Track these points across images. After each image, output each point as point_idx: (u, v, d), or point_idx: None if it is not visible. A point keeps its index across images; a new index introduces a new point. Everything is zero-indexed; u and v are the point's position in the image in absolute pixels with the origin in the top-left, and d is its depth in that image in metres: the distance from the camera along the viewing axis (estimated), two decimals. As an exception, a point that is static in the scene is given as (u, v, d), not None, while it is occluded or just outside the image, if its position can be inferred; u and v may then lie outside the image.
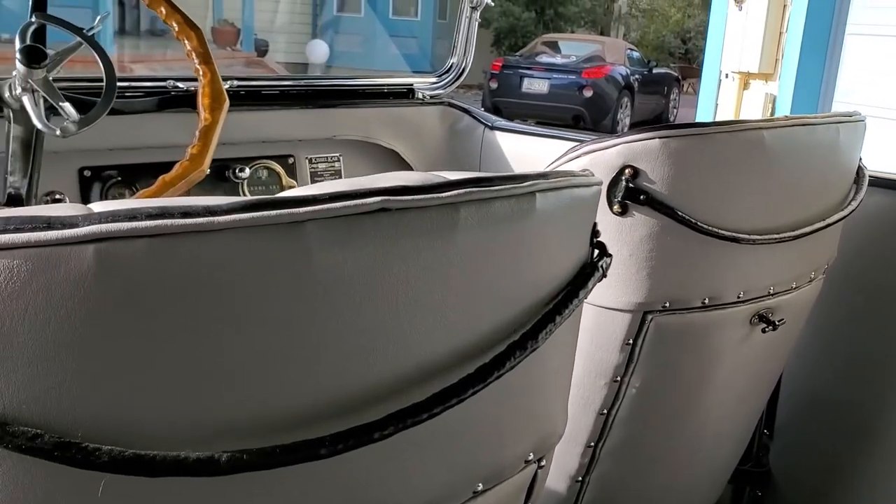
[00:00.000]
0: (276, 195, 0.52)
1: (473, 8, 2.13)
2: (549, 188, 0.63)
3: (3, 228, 0.46)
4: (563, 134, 2.01)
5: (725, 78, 6.74)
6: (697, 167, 1.08)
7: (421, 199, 0.55)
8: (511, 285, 0.63)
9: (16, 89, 1.22)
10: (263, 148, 1.93)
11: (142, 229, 0.47)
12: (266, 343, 0.52)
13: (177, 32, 1.38)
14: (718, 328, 1.19)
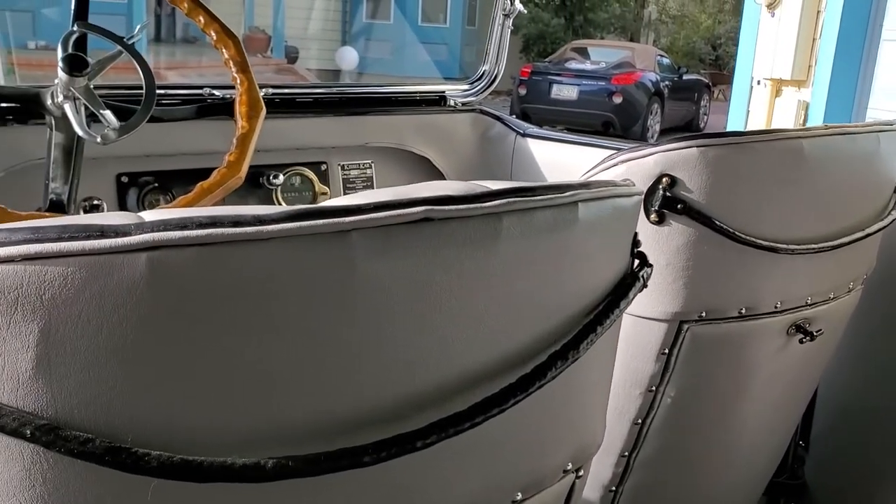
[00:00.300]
0: (321, 204, 0.52)
1: (506, 15, 2.13)
2: (591, 198, 0.63)
3: (57, 237, 0.46)
4: (596, 141, 2.00)
5: (757, 85, 6.68)
6: (735, 176, 1.07)
7: (464, 209, 0.55)
8: (552, 295, 0.63)
9: (58, 97, 1.24)
10: (297, 155, 1.95)
11: (193, 238, 0.47)
12: (311, 351, 0.52)
13: (215, 41, 1.40)
14: (755, 338, 1.18)
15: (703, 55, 21.37)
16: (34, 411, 0.47)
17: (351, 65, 11.42)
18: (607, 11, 19.13)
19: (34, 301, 0.46)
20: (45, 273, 0.46)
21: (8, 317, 0.46)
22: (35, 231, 0.47)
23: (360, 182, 2.07)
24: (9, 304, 0.46)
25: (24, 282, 0.46)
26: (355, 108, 2.02)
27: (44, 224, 0.47)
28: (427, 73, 12.72)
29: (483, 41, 2.22)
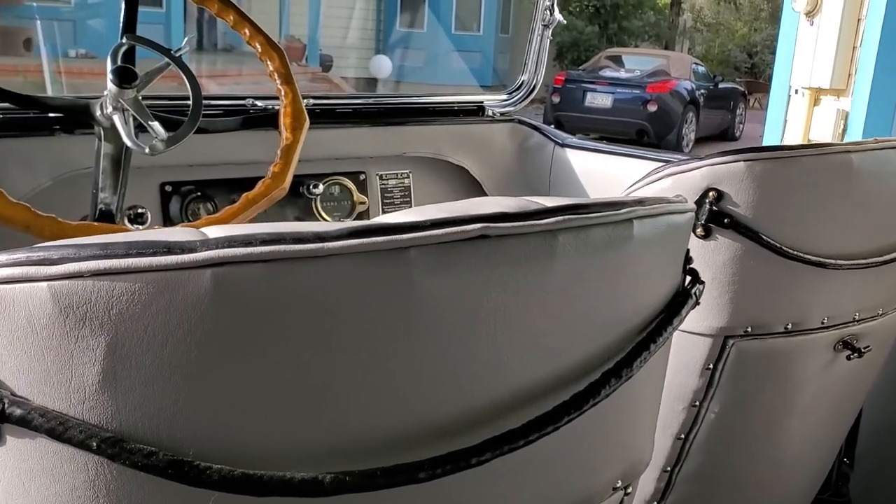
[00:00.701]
0: (379, 220, 0.53)
1: (545, 25, 2.13)
2: (646, 215, 0.63)
3: (125, 253, 0.47)
4: (636, 152, 1.99)
5: (795, 94, 6.60)
6: (783, 190, 1.06)
7: (520, 227, 0.55)
8: (606, 312, 0.63)
9: (107, 108, 1.26)
10: (336, 165, 1.97)
11: (257, 255, 0.48)
12: (369, 367, 0.53)
13: (260, 53, 1.41)
14: (801, 354, 1.17)
15: (739, 63, 21.19)
16: (99, 424, 0.48)
17: (385, 73, 11.49)
18: (641, 19, 19.04)
19: (102, 316, 0.47)
20: (114, 288, 0.47)
21: (76, 331, 0.47)
22: (103, 247, 0.48)
23: (398, 192, 2.08)
24: (77, 319, 0.47)
25: (92, 297, 0.47)
26: (394, 119, 2.03)
27: (111, 240, 0.48)
28: (460, 81, 12.76)
29: (516, 49, 2.23)
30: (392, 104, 2.07)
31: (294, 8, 11.64)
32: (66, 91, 7.47)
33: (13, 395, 0.49)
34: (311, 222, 0.55)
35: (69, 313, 0.47)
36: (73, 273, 0.47)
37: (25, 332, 0.48)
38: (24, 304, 0.47)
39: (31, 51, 8.61)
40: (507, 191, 2.17)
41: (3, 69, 7.88)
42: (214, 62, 9.46)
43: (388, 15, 13.97)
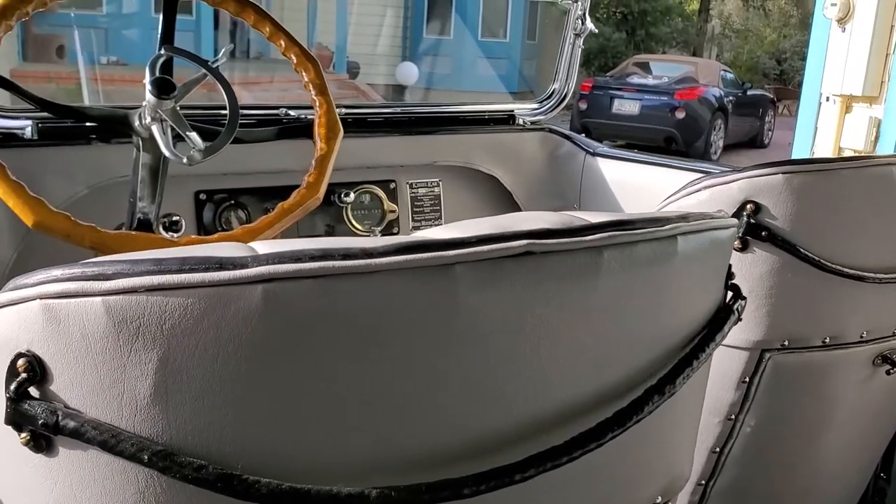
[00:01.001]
0: (425, 236, 0.53)
1: (577, 35, 2.13)
2: (690, 231, 0.63)
3: (178, 268, 0.48)
4: (668, 161, 1.98)
5: (826, 101, 6.53)
6: (822, 203, 1.05)
7: (565, 243, 0.55)
8: (649, 329, 0.63)
9: (145, 119, 1.28)
10: (367, 173, 1.98)
11: (306, 271, 0.49)
12: (414, 382, 0.53)
13: (295, 65, 1.43)
14: (839, 368, 1.15)
15: (768, 70, 21.00)
16: (150, 437, 0.49)
17: (411, 80, 11.53)
18: (669, 26, 18.94)
19: (155, 331, 0.48)
20: (167, 304, 0.47)
21: (129, 345, 0.48)
22: (157, 262, 0.48)
23: (428, 200, 2.09)
24: (131, 334, 0.48)
25: (145, 312, 0.48)
26: (424, 127, 2.04)
27: (165, 255, 0.49)
28: (487, 88, 12.78)
29: (543, 55, 2.23)
30: (423, 113, 2.08)
31: (322, 16, 11.72)
32: (101, 98, 7.57)
33: (66, 407, 0.50)
34: (357, 237, 0.55)
35: (123, 328, 0.48)
36: (127, 288, 0.48)
37: (80, 346, 0.49)
38: (78, 318, 0.48)
39: (64, 58, 8.76)
40: (537, 200, 2.17)
41: (36, 76, 8.02)
42: (245, 70, 9.54)
43: (414, 22, 14.02)
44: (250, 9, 1.41)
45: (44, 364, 0.50)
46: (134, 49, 9.67)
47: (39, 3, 1.27)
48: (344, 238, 0.54)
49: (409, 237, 0.53)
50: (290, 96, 8.85)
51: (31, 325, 0.50)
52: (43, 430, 0.50)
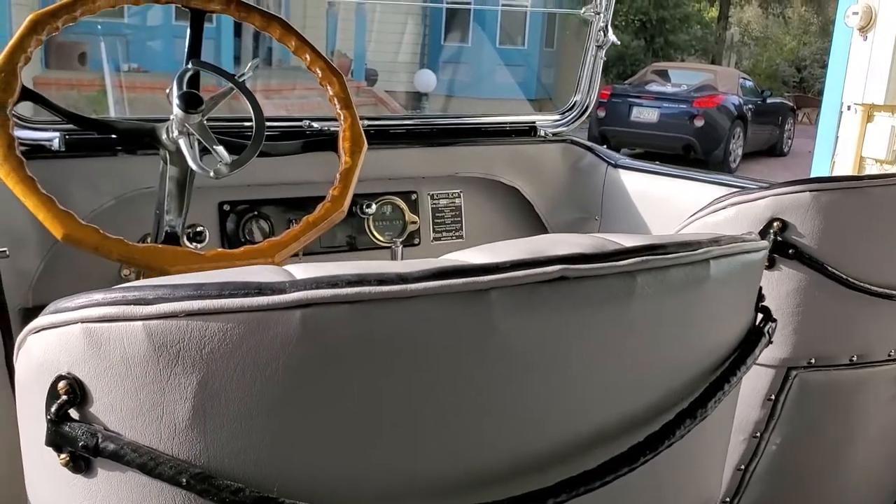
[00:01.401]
0: (460, 262, 0.53)
1: (599, 47, 2.13)
2: (722, 254, 0.63)
3: (218, 293, 0.49)
4: (690, 174, 1.97)
5: (847, 110, 6.49)
6: (850, 221, 1.04)
7: (599, 268, 0.55)
8: (680, 352, 0.63)
9: (172, 132, 1.29)
10: (388, 185, 1.98)
11: (343, 296, 0.49)
12: (447, 407, 0.53)
13: (320, 79, 1.44)
14: (866, 387, 1.15)
15: (787, 77, 20.89)
16: (189, 460, 0.50)
17: (429, 87, 11.56)
18: (688, 33, 18.87)
19: (194, 355, 0.48)
20: (206, 328, 0.48)
21: (169, 369, 0.49)
22: (197, 287, 0.49)
23: (449, 211, 2.09)
24: (171, 358, 0.48)
25: (185, 336, 0.48)
26: (446, 139, 2.04)
27: (204, 280, 0.50)
28: (505, 95, 12.78)
29: (561, 63, 2.22)
30: (444, 125, 2.08)
31: (341, 23, 11.78)
32: (126, 105, 7.62)
33: (106, 429, 0.50)
34: (393, 261, 0.56)
35: (163, 352, 0.48)
36: (167, 313, 0.48)
37: (120, 370, 0.49)
38: (119, 342, 0.49)
39: (86, 65, 8.85)
40: (558, 211, 2.17)
41: (59, 83, 8.11)
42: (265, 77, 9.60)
43: (433, 29, 14.05)
44: (276, 23, 1.42)
45: (84, 386, 0.51)
46: (155, 56, 9.76)
47: (69, 17, 1.28)
48: (379, 262, 0.55)
49: (444, 262, 0.54)
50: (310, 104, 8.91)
51: (73, 348, 0.50)
52: (83, 451, 0.50)
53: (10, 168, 1.14)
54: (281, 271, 0.53)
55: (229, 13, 1.41)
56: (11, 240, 1.50)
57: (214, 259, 1.20)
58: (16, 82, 1.20)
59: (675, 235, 0.62)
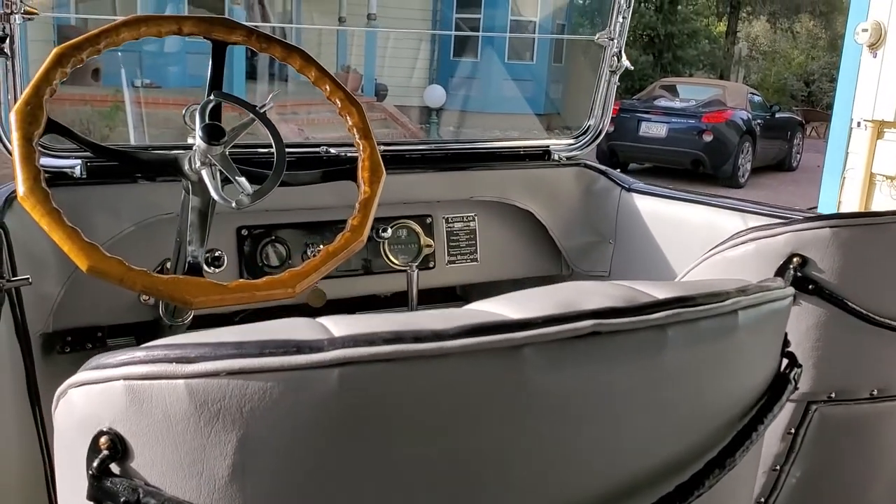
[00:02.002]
0: (493, 316, 0.54)
1: (612, 72, 2.14)
2: (750, 304, 0.63)
3: (259, 352, 0.50)
4: (703, 199, 1.97)
5: (857, 126, 6.48)
6: (870, 257, 1.05)
7: (630, 322, 0.56)
8: (708, 401, 0.64)
9: (195, 163, 1.30)
10: (404, 208, 2.00)
11: (380, 354, 0.50)
12: (484, 461, 0.54)
13: (339, 109, 1.45)
14: (886, 421, 1.15)
15: (796, 92, 20.89)
16: None
17: (438, 103, 11.61)
18: (696, 48, 18.89)
19: (235, 413, 0.49)
20: (247, 387, 0.49)
21: (210, 427, 0.49)
22: (238, 346, 0.50)
23: (464, 235, 2.10)
24: (211, 416, 0.49)
25: (226, 395, 0.49)
26: (461, 163, 2.06)
27: (244, 338, 0.51)
28: (514, 110, 12.82)
29: (570, 78, 2.23)
30: (459, 149, 2.10)
31: (351, 39, 11.85)
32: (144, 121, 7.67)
33: (147, 485, 0.51)
34: (426, 313, 0.56)
35: (204, 410, 0.49)
36: (209, 372, 0.49)
37: (161, 427, 0.50)
38: (161, 399, 0.50)
39: (99, 81, 8.92)
40: (572, 235, 2.17)
41: (73, 98, 8.17)
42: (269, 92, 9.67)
43: (442, 45, 14.12)
44: (297, 54, 1.44)
45: (125, 442, 0.51)
46: (168, 72, 9.83)
47: (93, 50, 1.30)
48: (412, 316, 0.55)
49: (477, 316, 0.54)
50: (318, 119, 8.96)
51: (115, 404, 0.51)
52: None
53: (36, 200, 1.15)
54: (317, 325, 0.54)
55: (250, 44, 1.42)
56: (33, 266, 1.51)
57: (236, 290, 1.21)
58: (42, 115, 1.21)
59: (704, 284, 0.63)
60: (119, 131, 7.90)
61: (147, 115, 7.81)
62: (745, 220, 1.83)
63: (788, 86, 20.93)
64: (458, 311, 0.58)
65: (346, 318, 0.55)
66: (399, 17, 12.82)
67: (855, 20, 6.13)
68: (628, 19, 2.13)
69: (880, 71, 6.12)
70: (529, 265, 2.21)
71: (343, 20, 11.91)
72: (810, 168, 12.74)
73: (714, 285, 0.63)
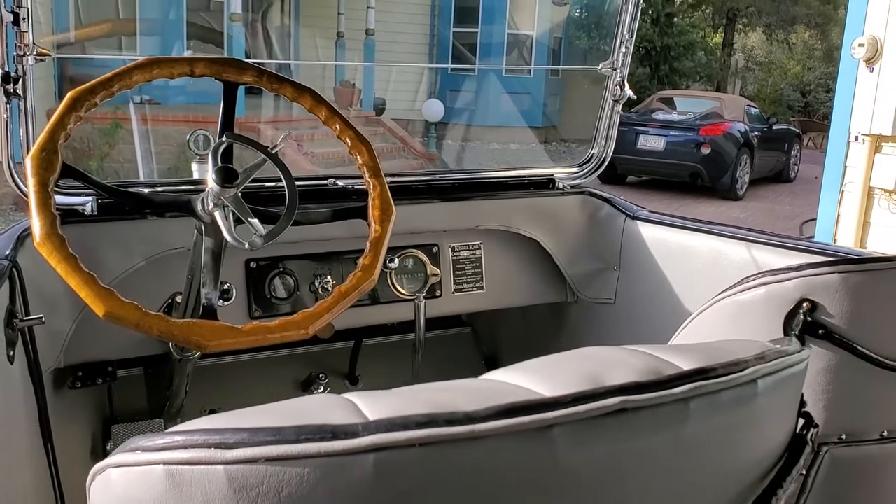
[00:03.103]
0: (523, 399, 0.55)
1: (616, 101, 2.16)
2: (769, 372, 0.65)
3: (295, 438, 0.51)
4: (707, 227, 1.98)
5: (855, 140, 6.51)
6: (879, 302, 1.06)
7: (656, 398, 0.57)
8: (728, 466, 0.65)
9: (208, 205, 1.31)
10: (411, 238, 2.01)
11: (414, 439, 0.51)
12: None
13: (350, 148, 1.46)
14: None
15: (792, 102, 20.97)
16: None
17: (437, 117, 11.64)
18: (693, 60, 18.97)
19: (273, 498, 0.50)
20: (284, 473, 0.50)
21: None
22: (275, 432, 0.51)
23: (470, 263, 2.12)
24: (250, 501, 0.50)
25: (265, 480, 0.50)
26: (466, 193, 2.07)
27: (281, 424, 0.52)
28: (512, 123, 12.86)
29: (567, 91, 2.24)
30: (465, 179, 2.11)
31: (349, 54, 11.89)
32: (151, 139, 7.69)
33: None
34: (452, 387, 0.57)
35: (243, 495, 0.50)
36: (248, 458, 0.50)
37: None
38: (201, 484, 0.51)
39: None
40: (577, 263, 2.19)
41: (72, 116, 8.17)
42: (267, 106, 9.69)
43: (440, 59, 14.18)
44: (307, 94, 1.45)
45: None
46: (167, 88, 9.85)
47: (107, 93, 1.32)
48: (440, 391, 0.57)
49: (505, 394, 0.56)
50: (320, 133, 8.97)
51: (154, 488, 0.52)
52: None
53: (52, 247, 1.16)
54: (349, 405, 0.55)
55: (262, 85, 1.44)
56: (45, 303, 1.52)
57: (250, 333, 1.22)
58: (57, 160, 1.22)
59: (723, 351, 0.64)
60: (119, 148, 7.93)
61: (148, 132, 7.84)
62: (749, 250, 1.84)
63: (785, 96, 21.01)
64: (484, 386, 0.59)
65: (378, 398, 0.56)
66: (396, 31, 12.88)
67: (851, 35, 6.17)
68: (631, 49, 2.15)
69: (877, 85, 6.16)
70: (535, 292, 2.22)
71: (341, 35, 11.95)
72: (808, 179, 12.79)
73: (733, 351, 0.65)
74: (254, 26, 10.85)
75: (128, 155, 7.75)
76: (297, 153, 8.81)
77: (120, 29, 9.61)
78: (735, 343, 0.68)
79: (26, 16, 1.46)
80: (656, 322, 2.07)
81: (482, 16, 14.28)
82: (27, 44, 1.50)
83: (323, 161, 8.79)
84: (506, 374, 0.62)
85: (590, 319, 2.25)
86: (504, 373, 0.63)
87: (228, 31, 10.26)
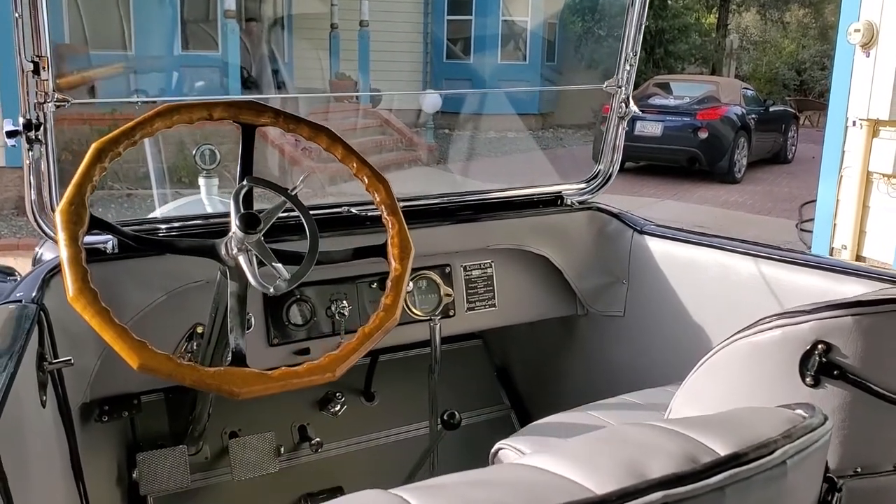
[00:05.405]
0: (575, 500, 0.59)
1: (621, 118, 2.19)
2: (797, 451, 0.68)
3: None
4: (711, 241, 2.01)
5: (853, 125, 6.53)
6: (891, 343, 1.10)
7: (694, 489, 0.61)
8: None
9: (232, 250, 1.34)
10: (424, 260, 2.04)
11: None
12: None
13: (366, 186, 1.49)
14: None
15: (788, 81, 20.93)
16: None
17: (434, 108, 11.62)
18: (687, 43, 18.93)
19: None
20: None
21: None
22: None
23: (482, 282, 2.15)
24: None
25: None
26: (477, 214, 2.10)
27: None
28: (509, 110, 12.84)
29: (562, 76, 2.24)
30: (475, 200, 2.15)
31: (344, 45, 11.86)
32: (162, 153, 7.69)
33: None
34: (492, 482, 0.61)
35: None
36: None
37: None
38: None
39: (95, 97, 8.92)
40: (587, 277, 2.22)
41: (71, 118, 8.18)
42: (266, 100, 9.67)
43: (434, 48, 14.15)
44: (323, 133, 1.48)
45: None
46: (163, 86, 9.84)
47: (129, 142, 1.34)
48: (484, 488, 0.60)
49: (556, 494, 0.59)
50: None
51: None
52: None
53: (86, 302, 1.19)
54: (399, 501, 0.59)
55: (279, 126, 1.46)
56: (71, 342, 1.56)
57: (279, 378, 1.25)
58: (85, 213, 1.25)
59: (752, 433, 0.68)
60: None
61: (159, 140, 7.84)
62: (756, 263, 1.88)
63: (780, 75, 20.97)
64: (526, 478, 0.63)
65: (426, 495, 0.59)
66: (390, 20, 12.85)
67: (847, 19, 6.17)
68: (635, 66, 2.17)
69: (873, 70, 6.17)
70: (546, 307, 2.26)
71: (335, 27, 11.92)
72: (805, 160, 12.80)
73: (761, 431, 0.68)
74: (248, 24, 10.81)
75: (128, 156, 7.73)
76: (296, 149, 8.82)
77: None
78: (760, 414, 0.71)
79: (46, 65, 1.49)
80: (666, 333, 2.11)
81: (476, 4, 14.24)
82: (47, 91, 1.52)
83: (317, 156, 8.79)
84: (543, 459, 0.66)
85: (599, 332, 2.29)
86: (541, 458, 0.66)
87: (221, 28, 10.23)
